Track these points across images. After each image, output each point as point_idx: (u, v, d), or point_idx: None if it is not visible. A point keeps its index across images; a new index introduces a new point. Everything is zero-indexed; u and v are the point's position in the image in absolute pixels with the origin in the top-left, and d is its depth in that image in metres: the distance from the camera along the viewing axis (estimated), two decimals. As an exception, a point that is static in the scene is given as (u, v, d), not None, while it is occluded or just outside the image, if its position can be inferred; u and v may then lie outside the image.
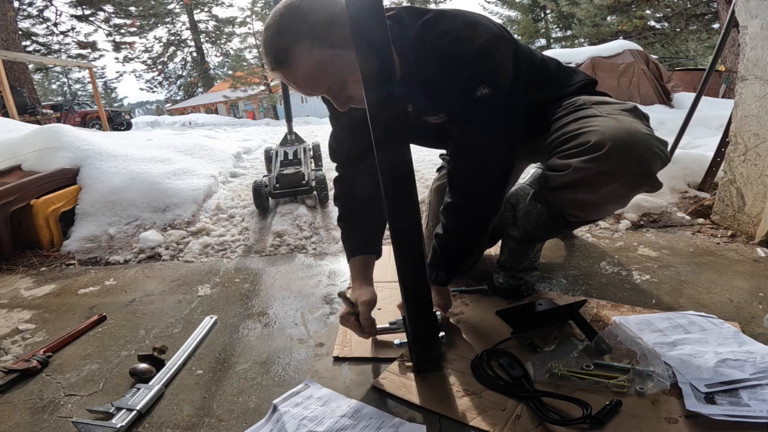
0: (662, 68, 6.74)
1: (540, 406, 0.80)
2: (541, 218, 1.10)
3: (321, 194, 2.29)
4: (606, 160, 0.89)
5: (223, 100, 23.55)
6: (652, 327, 1.04)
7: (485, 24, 0.94)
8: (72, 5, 18.98)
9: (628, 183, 0.92)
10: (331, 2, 0.86)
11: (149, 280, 1.63)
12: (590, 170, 0.91)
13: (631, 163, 0.89)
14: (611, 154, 0.88)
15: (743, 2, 1.58)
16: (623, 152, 0.88)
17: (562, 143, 1.00)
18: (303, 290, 1.44)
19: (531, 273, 1.27)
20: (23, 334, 1.27)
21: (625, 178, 0.90)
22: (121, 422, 0.85)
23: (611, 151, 0.88)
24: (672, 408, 0.79)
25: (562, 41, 20.58)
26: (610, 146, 0.88)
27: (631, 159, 0.89)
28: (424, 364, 0.95)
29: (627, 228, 1.77)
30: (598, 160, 0.89)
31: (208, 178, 2.60)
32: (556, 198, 1.03)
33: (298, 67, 0.86)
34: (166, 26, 24.18)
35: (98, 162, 2.36)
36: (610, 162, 0.89)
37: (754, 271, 1.34)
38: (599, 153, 0.89)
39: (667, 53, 16.08)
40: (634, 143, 0.89)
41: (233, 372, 1.03)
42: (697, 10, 13.53)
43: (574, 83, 1.14)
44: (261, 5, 21.06)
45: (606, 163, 0.89)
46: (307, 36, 0.84)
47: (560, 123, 1.04)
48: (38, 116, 10.52)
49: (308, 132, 5.09)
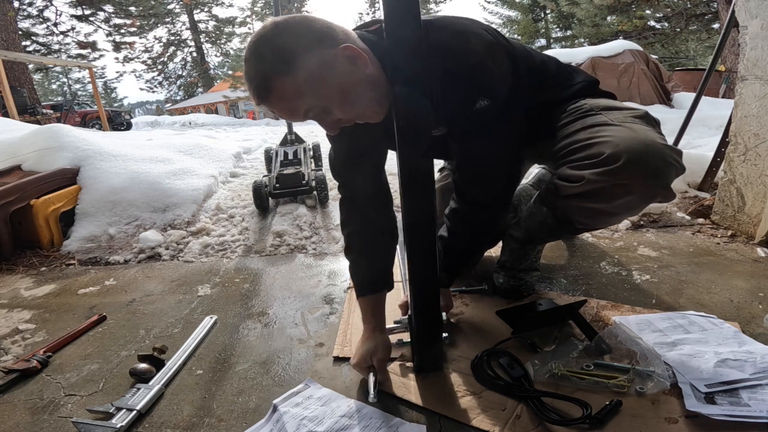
0: (662, 68, 6.74)
1: (540, 406, 0.80)
2: (546, 221, 1.10)
3: (321, 194, 2.29)
4: (621, 173, 0.87)
5: (223, 100, 23.55)
6: (652, 327, 1.04)
7: (476, 32, 0.90)
8: (72, 5, 18.98)
9: (643, 195, 0.91)
10: (306, 26, 0.82)
11: (149, 280, 1.63)
12: (604, 183, 0.89)
13: (647, 176, 0.88)
14: (627, 167, 0.87)
15: (743, 2, 1.58)
16: (639, 165, 0.87)
17: (572, 152, 0.98)
18: (303, 290, 1.44)
19: (531, 273, 1.27)
20: (23, 334, 1.27)
21: (641, 190, 0.89)
22: (121, 422, 0.85)
23: (627, 164, 0.86)
24: (672, 408, 0.79)
25: (562, 41, 20.58)
26: (625, 159, 0.86)
27: (646, 171, 0.87)
28: (425, 364, 0.95)
29: (627, 228, 1.77)
30: (613, 174, 0.88)
31: (208, 178, 2.61)
32: (565, 205, 1.02)
33: (280, 99, 0.83)
34: (166, 26, 24.19)
35: (98, 162, 2.36)
36: (625, 175, 0.87)
37: (754, 271, 1.34)
38: (614, 166, 0.87)
39: (667, 53, 16.08)
40: (649, 155, 0.87)
41: (233, 372, 1.03)
42: (697, 10, 13.53)
43: (575, 83, 1.13)
44: (261, 5, 21.08)
45: (621, 176, 0.88)
46: (284, 69, 0.80)
47: (568, 130, 1.02)
48: (38, 116, 10.52)
49: (308, 132, 5.08)
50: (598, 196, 0.93)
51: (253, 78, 0.82)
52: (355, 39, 0.87)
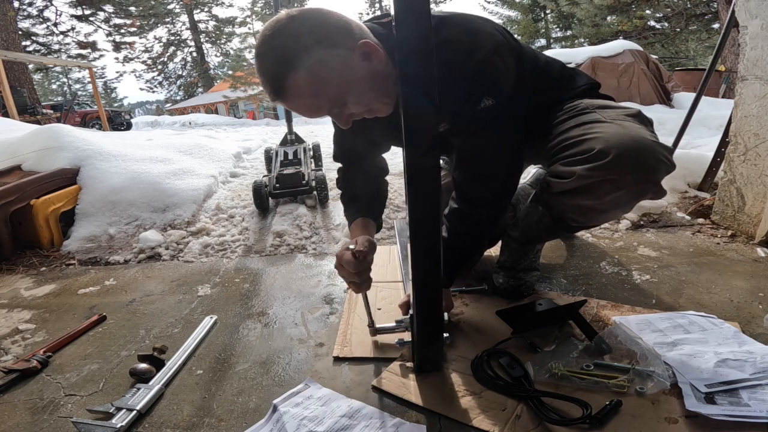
0: (662, 68, 6.74)
1: (540, 406, 0.80)
2: (542, 221, 1.10)
3: (321, 194, 2.29)
4: (610, 169, 0.88)
5: (223, 100, 23.55)
6: (652, 327, 1.04)
7: (487, 31, 0.91)
8: (72, 5, 18.99)
9: (632, 191, 0.91)
10: (321, 20, 0.81)
11: (149, 280, 1.63)
12: (594, 178, 0.90)
13: (636, 171, 0.88)
14: (616, 162, 0.87)
15: (743, 2, 1.58)
16: (628, 160, 0.87)
17: (564, 149, 0.98)
18: (303, 290, 1.44)
19: (531, 273, 1.27)
20: (23, 334, 1.27)
21: (630, 186, 0.90)
22: (121, 422, 0.85)
23: (616, 159, 0.87)
24: (672, 408, 0.79)
25: (562, 41, 20.58)
26: (615, 154, 0.87)
27: (635, 167, 0.88)
28: (425, 364, 0.95)
29: (627, 228, 1.77)
30: (603, 168, 0.88)
31: (208, 178, 2.60)
32: (558, 203, 1.02)
33: (295, 96, 0.83)
34: (166, 26, 24.19)
35: (98, 162, 2.36)
36: (614, 170, 0.88)
37: (754, 271, 1.34)
38: (604, 161, 0.88)
39: (667, 53, 16.08)
40: (638, 151, 0.87)
41: (233, 372, 1.03)
42: (697, 10, 13.54)
43: (577, 87, 1.13)
44: (261, 5, 21.07)
45: (610, 172, 0.88)
46: (301, 63, 0.79)
47: (562, 127, 1.03)
48: (38, 116, 10.52)
49: (308, 132, 5.09)
50: (587, 193, 0.93)
51: (268, 75, 0.81)
52: (369, 34, 0.87)
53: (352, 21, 0.86)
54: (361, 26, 0.87)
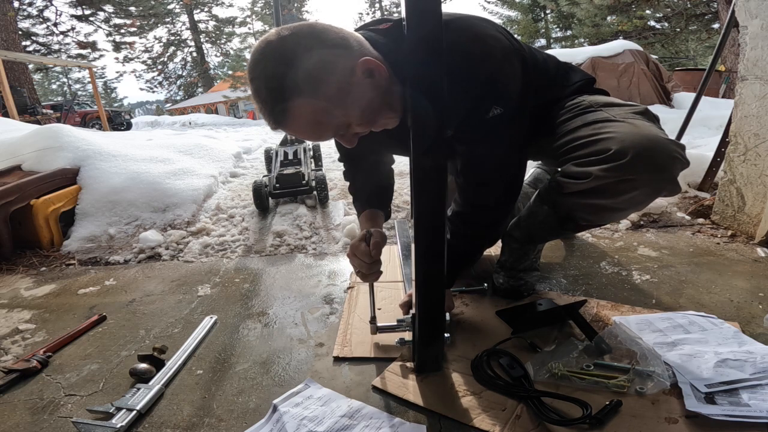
0: (662, 68, 6.73)
1: (540, 406, 0.80)
2: (547, 220, 1.10)
3: (321, 194, 2.29)
4: (628, 169, 0.87)
5: (223, 100, 23.57)
6: (652, 327, 1.04)
7: (495, 37, 0.89)
8: (72, 5, 19.00)
9: (648, 189, 0.91)
10: (315, 39, 0.77)
11: (149, 280, 1.63)
12: (611, 179, 0.89)
13: (654, 171, 0.88)
14: (634, 162, 0.86)
15: (743, 2, 1.58)
16: (646, 160, 0.87)
17: (575, 149, 0.97)
18: (303, 290, 1.44)
19: (531, 273, 1.27)
20: (23, 334, 1.27)
21: (647, 185, 0.89)
22: (121, 422, 0.85)
23: (634, 159, 0.86)
24: (672, 408, 0.79)
25: (562, 41, 20.58)
26: (633, 155, 0.86)
27: (653, 166, 0.87)
28: (424, 364, 0.95)
29: (627, 228, 1.77)
30: (621, 169, 0.88)
31: (208, 178, 2.60)
32: (569, 203, 1.01)
33: (297, 127, 0.80)
34: (166, 26, 24.22)
35: (98, 162, 2.36)
36: (632, 170, 0.87)
37: (754, 271, 1.34)
38: (622, 162, 0.87)
39: (667, 53, 16.08)
40: (655, 150, 0.87)
41: (233, 372, 1.03)
42: (697, 10, 13.54)
43: (574, 83, 1.13)
44: (261, 5, 21.07)
45: (628, 172, 0.87)
46: (297, 93, 0.75)
47: (569, 126, 1.02)
48: (38, 116, 10.53)
49: (308, 132, 5.09)
50: (604, 193, 0.92)
51: (265, 104, 0.77)
52: (369, 48, 0.84)
53: (350, 36, 0.81)
54: (360, 39, 0.83)
